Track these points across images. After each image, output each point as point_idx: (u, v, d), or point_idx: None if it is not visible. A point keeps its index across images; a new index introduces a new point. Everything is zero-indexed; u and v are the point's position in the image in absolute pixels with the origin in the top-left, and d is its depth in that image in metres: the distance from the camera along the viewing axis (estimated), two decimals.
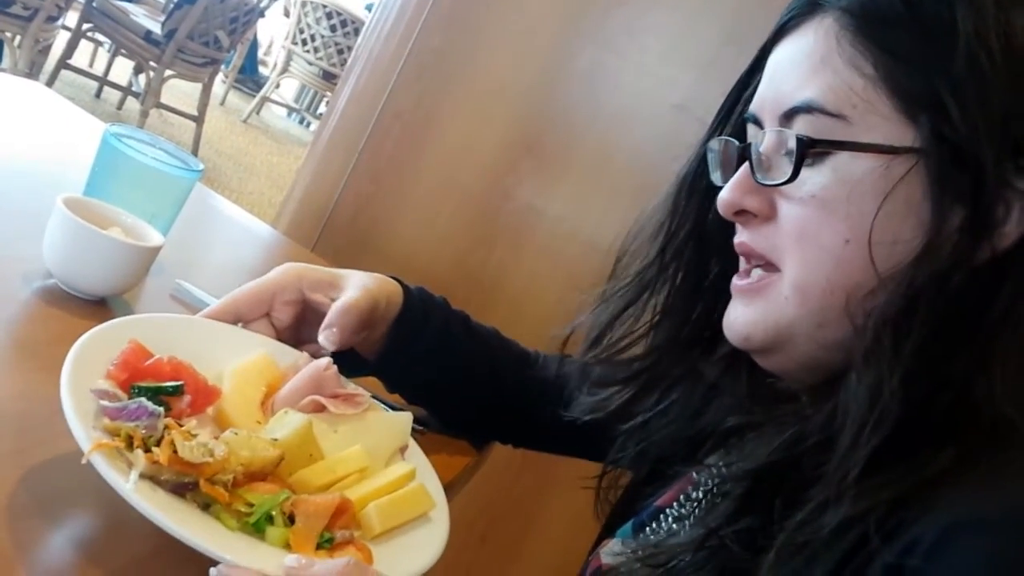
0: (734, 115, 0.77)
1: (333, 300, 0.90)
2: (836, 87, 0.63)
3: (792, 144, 0.64)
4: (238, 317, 0.88)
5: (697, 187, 0.79)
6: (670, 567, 0.67)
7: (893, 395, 0.57)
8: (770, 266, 0.68)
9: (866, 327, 0.60)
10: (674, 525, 0.77)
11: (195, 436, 0.65)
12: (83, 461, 0.60)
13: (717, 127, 0.78)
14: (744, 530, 0.63)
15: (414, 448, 0.84)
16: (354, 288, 0.91)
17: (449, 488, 1.00)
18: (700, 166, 0.78)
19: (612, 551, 0.81)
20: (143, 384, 0.68)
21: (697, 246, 0.79)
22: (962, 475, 0.55)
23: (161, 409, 0.66)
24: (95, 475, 0.60)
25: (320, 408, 0.78)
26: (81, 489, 0.66)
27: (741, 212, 0.69)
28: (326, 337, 0.86)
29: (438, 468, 1.01)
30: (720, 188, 0.73)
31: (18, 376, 0.78)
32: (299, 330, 0.92)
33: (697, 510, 0.76)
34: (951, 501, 0.54)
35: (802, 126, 0.65)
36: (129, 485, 0.59)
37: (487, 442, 1.15)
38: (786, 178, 0.65)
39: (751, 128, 0.72)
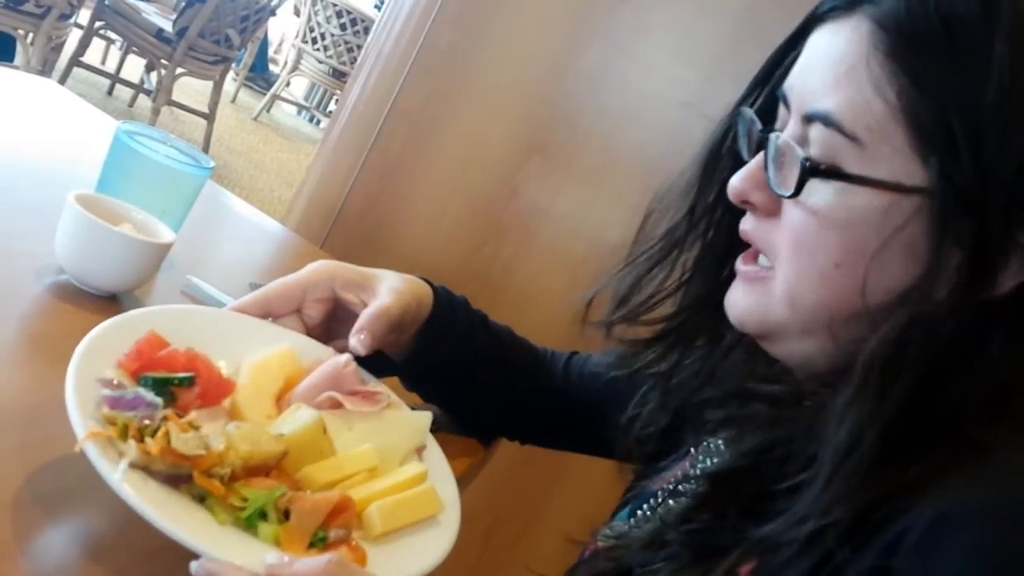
0: (769, 84, 0.75)
1: (364, 301, 0.91)
2: (857, 106, 0.61)
3: (802, 154, 0.63)
4: (268, 312, 0.88)
5: (727, 149, 0.78)
6: (624, 561, 0.68)
7: (874, 436, 0.56)
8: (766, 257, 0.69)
9: (852, 358, 0.59)
10: (659, 509, 0.78)
11: (197, 428, 0.65)
12: (76, 449, 0.60)
13: (749, 94, 0.76)
14: (694, 531, 0.64)
15: (433, 449, 0.83)
16: (386, 292, 0.91)
17: (456, 484, 1.01)
18: (731, 129, 0.77)
19: (607, 533, 0.82)
20: (151, 374, 0.68)
21: (727, 205, 0.77)
22: (944, 476, 0.54)
23: (160, 400, 0.66)
24: (81, 471, 0.60)
25: (337, 405, 0.78)
26: (90, 483, 0.67)
27: (747, 202, 0.69)
28: (358, 341, 0.86)
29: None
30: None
31: (29, 371, 0.79)
32: (330, 328, 0.92)
33: (692, 490, 0.76)
34: (936, 496, 0.53)
35: (817, 135, 0.63)
36: (117, 474, 0.59)
37: (495, 439, 1.16)
38: (789, 192, 0.64)
39: (782, 106, 0.70)
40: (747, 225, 0.70)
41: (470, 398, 1.07)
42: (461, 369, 1.02)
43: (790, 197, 0.64)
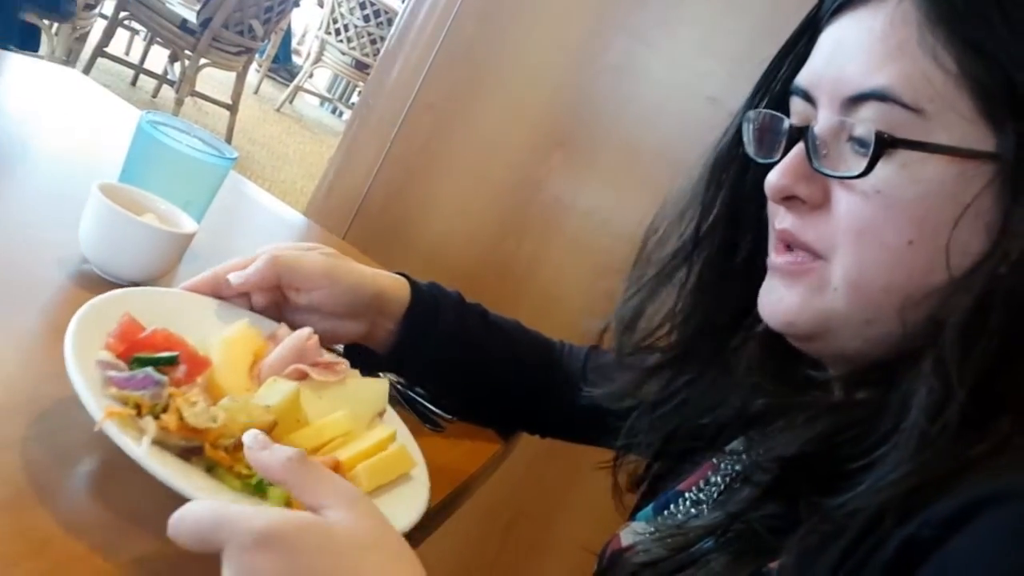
0: (775, 87, 0.74)
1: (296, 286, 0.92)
2: (914, 78, 0.60)
3: (860, 133, 0.61)
4: (218, 291, 0.88)
5: (732, 161, 0.77)
6: (691, 551, 0.67)
7: (956, 405, 0.55)
8: (813, 253, 0.66)
9: (930, 332, 0.58)
10: (692, 509, 0.77)
11: (195, 404, 0.67)
12: (96, 429, 0.62)
13: (756, 98, 0.75)
14: (768, 516, 0.62)
15: (391, 413, 0.87)
16: (310, 251, 0.92)
17: (475, 477, 1.01)
18: (736, 139, 0.76)
19: (633, 531, 0.81)
20: (143, 355, 0.70)
21: (730, 222, 0.77)
22: (990, 461, 0.53)
23: (165, 378, 0.69)
24: (119, 454, 0.61)
25: (303, 376, 0.80)
26: (115, 466, 0.68)
27: (790, 198, 0.66)
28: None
29: (465, 457, 1.02)
30: (757, 163, 0.71)
31: (53, 359, 0.79)
32: (278, 309, 0.93)
33: (716, 495, 0.76)
34: (975, 482, 0.52)
35: (871, 114, 0.61)
36: (143, 450, 0.62)
37: (514, 432, 1.15)
38: (858, 171, 0.61)
39: (798, 104, 0.68)
40: (786, 224, 0.67)
41: (475, 390, 1.07)
42: (455, 360, 1.02)
43: (859, 177, 0.61)
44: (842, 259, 0.64)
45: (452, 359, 1.02)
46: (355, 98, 7.80)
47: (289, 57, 8.20)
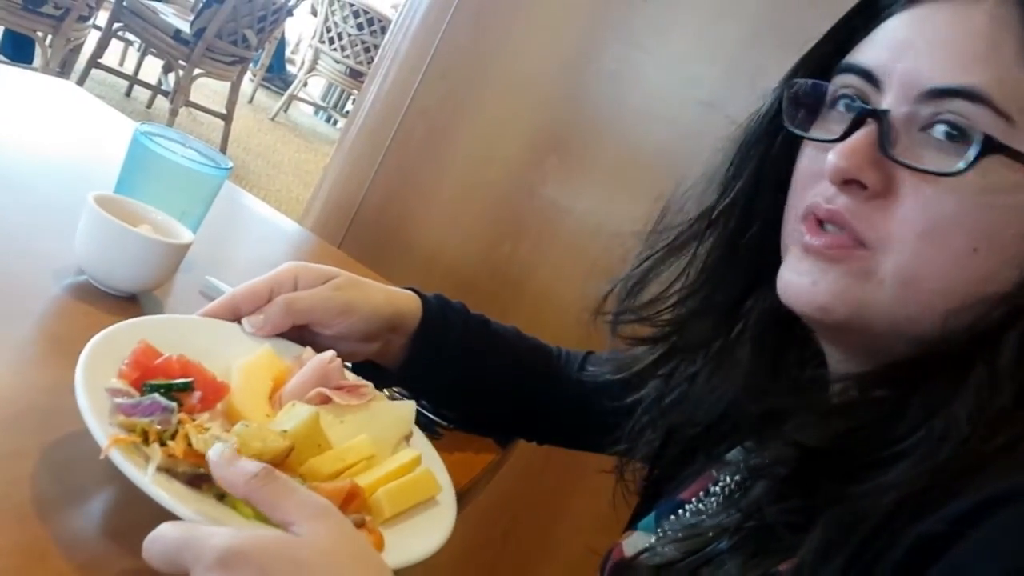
0: (817, 62, 0.71)
1: None
2: (1006, 83, 0.58)
3: (947, 130, 0.59)
4: (237, 314, 0.87)
5: (763, 137, 0.74)
6: (706, 551, 0.66)
7: (1004, 409, 0.54)
8: (860, 240, 0.63)
9: (969, 339, 0.58)
10: (692, 520, 0.77)
11: (207, 429, 0.67)
12: (101, 457, 0.61)
13: (804, 68, 0.72)
14: (786, 509, 0.61)
15: (418, 435, 0.85)
16: (318, 288, 0.90)
17: (473, 485, 1.01)
18: (769, 115, 0.73)
19: (635, 542, 0.81)
20: (154, 382, 0.69)
21: (749, 201, 0.75)
22: (1005, 458, 0.53)
23: (174, 404, 0.67)
24: (119, 472, 0.61)
25: (326, 400, 0.79)
26: (107, 482, 0.67)
27: (850, 181, 0.62)
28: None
29: (463, 465, 1.02)
30: (786, 143, 0.70)
31: (48, 370, 0.80)
32: (301, 331, 0.91)
33: (716, 504, 0.76)
34: (989, 480, 0.52)
35: (955, 110, 0.59)
36: (147, 478, 0.61)
37: (512, 439, 1.15)
38: (951, 169, 0.58)
39: (853, 81, 0.66)
40: (838, 205, 0.63)
41: (478, 401, 1.07)
42: (463, 375, 1.02)
43: (953, 174, 0.58)
44: (898, 254, 0.61)
45: (459, 372, 1.02)
46: (349, 106, 7.80)
47: (283, 66, 8.20)
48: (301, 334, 0.90)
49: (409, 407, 0.84)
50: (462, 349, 1.01)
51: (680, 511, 0.79)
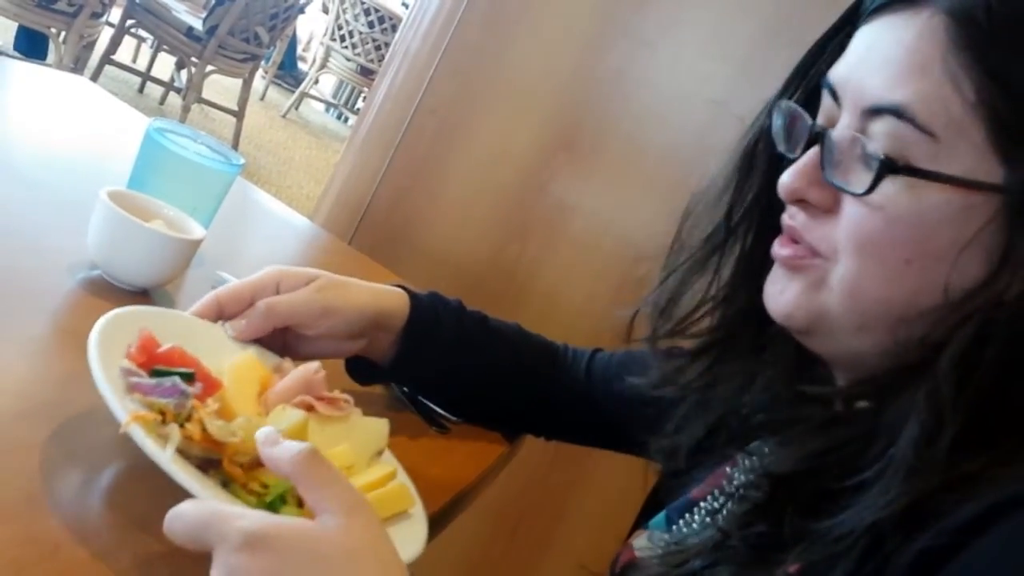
0: (810, 77, 0.73)
1: None
2: (931, 100, 0.59)
3: (872, 150, 0.61)
4: (220, 314, 0.88)
5: (766, 146, 0.76)
6: (684, 568, 0.67)
7: (950, 432, 0.55)
8: (816, 252, 0.66)
9: (922, 352, 0.59)
10: (707, 519, 0.77)
11: (216, 419, 0.68)
12: (121, 431, 0.63)
13: (789, 88, 0.74)
14: (756, 535, 0.63)
15: (388, 454, 0.86)
16: (298, 291, 0.90)
17: (481, 479, 1.02)
18: (768, 125, 0.75)
19: (643, 544, 0.81)
20: (162, 368, 0.71)
21: (765, 208, 0.76)
22: (1005, 469, 0.53)
23: (191, 389, 0.69)
24: (132, 461, 0.61)
25: (310, 408, 0.80)
26: (118, 473, 0.68)
27: (801, 201, 0.66)
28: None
29: (470, 459, 1.03)
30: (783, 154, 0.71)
31: (62, 364, 0.80)
32: (283, 330, 0.91)
33: (728, 505, 0.76)
34: (996, 486, 0.52)
35: (885, 129, 0.61)
36: (167, 455, 0.62)
37: (519, 434, 1.16)
38: (861, 190, 0.61)
39: (827, 100, 0.68)
40: (796, 222, 0.68)
41: (477, 397, 1.07)
42: (459, 371, 1.02)
43: (862, 195, 0.62)
44: (843, 266, 0.64)
45: (453, 368, 1.02)
46: (360, 104, 7.81)
47: (295, 64, 8.21)
48: (285, 336, 0.91)
49: (383, 424, 0.85)
50: (456, 345, 1.01)
51: (693, 511, 0.79)
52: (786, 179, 0.67)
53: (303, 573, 0.53)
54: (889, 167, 0.60)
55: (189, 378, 0.71)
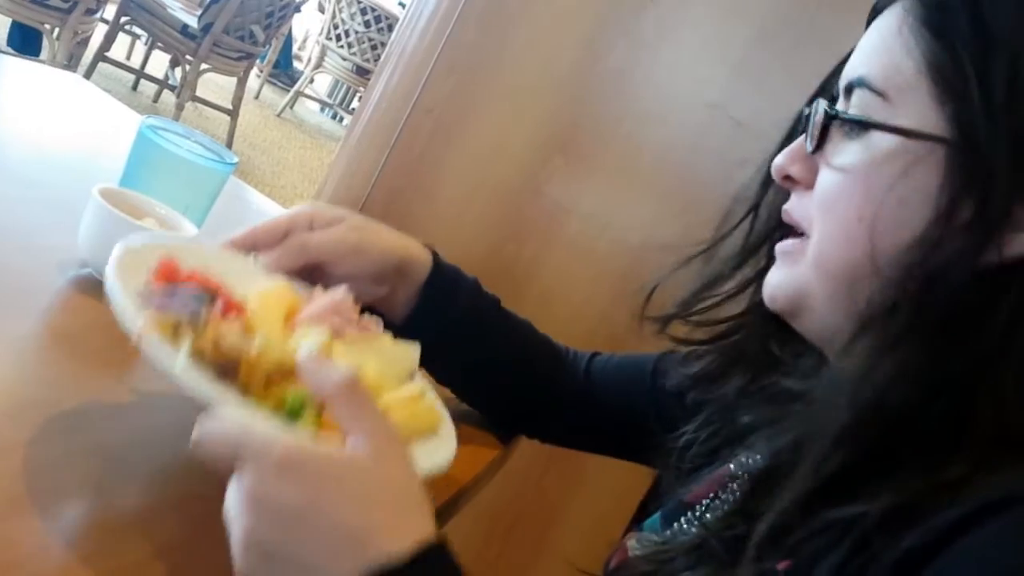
0: (828, 84, 0.77)
1: None
2: (887, 67, 0.64)
3: (831, 112, 0.66)
4: (255, 248, 0.89)
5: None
6: (669, 567, 0.68)
7: (878, 392, 0.57)
8: (802, 232, 0.69)
9: (860, 314, 0.61)
10: (697, 521, 0.77)
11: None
12: (133, 341, 0.62)
13: (818, 91, 0.78)
14: (735, 535, 0.63)
15: (419, 377, 0.86)
16: (336, 229, 0.92)
17: (476, 482, 1.01)
18: (787, 137, 0.78)
19: (636, 544, 0.81)
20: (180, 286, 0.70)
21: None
22: (989, 472, 0.53)
23: (206, 296, 0.68)
24: (120, 463, 0.61)
25: (338, 329, 0.80)
26: (111, 474, 0.67)
27: (788, 178, 0.71)
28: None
29: (464, 461, 1.02)
30: None
31: (50, 363, 0.80)
32: (312, 267, 0.92)
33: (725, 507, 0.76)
34: (981, 488, 0.52)
35: (853, 100, 0.66)
36: (178, 363, 0.62)
37: (514, 435, 1.15)
38: (812, 146, 0.67)
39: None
40: (787, 205, 0.71)
41: (482, 380, 1.07)
42: (467, 343, 1.02)
43: (813, 151, 0.67)
44: (814, 233, 0.67)
45: (464, 336, 1.02)
46: (356, 103, 7.81)
47: (290, 62, 8.21)
48: (312, 276, 0.92)
49: (415, 347, 0.85)
50: (468, 314, 1.01)
51: (688, 514, 0.79)
52: (776, 159, 0.71)
53: (333, 503, 0.53)
54: (831, 118, 0.66)
55: (208, 299, 0.71)
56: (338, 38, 6.78)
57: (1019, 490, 0.51)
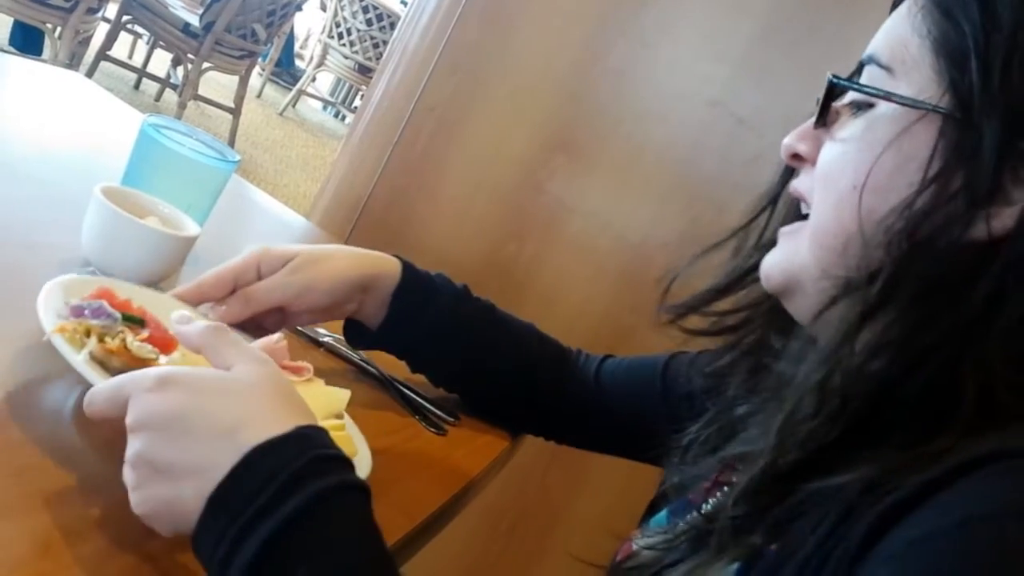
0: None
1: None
2: (895, 43, 0.65)
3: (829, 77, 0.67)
4: (203, 298, 0.91)
5: None
6: (672, 554, 0.68)
7: (858, 359, 0.57)
8: (807, 216, 0.69)
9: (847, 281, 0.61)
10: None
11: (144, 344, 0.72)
12: (43, 339, 0.68)
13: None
14: (736, 517, 0.63)
15: (349, 421, 0.88)
16: (280, 274, 0.93)
17: (479, 479, 1.01)
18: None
19: (644, 539, 0.81)
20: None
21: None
22: (967, 443, 0.53)
23: (119, 315, 0.73)
24: (121, 462, 0.61)
25: None
26: (108, 475, 0.67)
27: (796, 156, 0.71)
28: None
29: (468, 458, 1.02)
30: None
31: (52, 363, 0.79)
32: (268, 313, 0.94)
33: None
34: (958, 455, 0.52)
35: (863, 78, 0.67)
36: (80, 357, 0.68)
37: (523, 433, 1.16)
38: (814, 119, 0.68)
39: None
40: (795, 180, 0.72)
41: (477, 383, 1.08)
42: (449, 347, 1.04)
43: (817, 124, 0.68)
44: (813, 209, 0.67)
45: (444, 342, 1.03)
46: (358, 102, 7.81)
47: (292, 61, 8.20)
48: (271, 314, 0.94)
49: (344, 392, 0.87)
50: (451, 318, 1.02)
51: (693, 512, 0.79)
52: (784, 140, 0.72)
53: (210, 405, 0.60)
54: (833, 86, 0.66)
55: (137, 322, 0.75)
56: (340, 36, 6.77)
57: (1002, 447, 0.51)
